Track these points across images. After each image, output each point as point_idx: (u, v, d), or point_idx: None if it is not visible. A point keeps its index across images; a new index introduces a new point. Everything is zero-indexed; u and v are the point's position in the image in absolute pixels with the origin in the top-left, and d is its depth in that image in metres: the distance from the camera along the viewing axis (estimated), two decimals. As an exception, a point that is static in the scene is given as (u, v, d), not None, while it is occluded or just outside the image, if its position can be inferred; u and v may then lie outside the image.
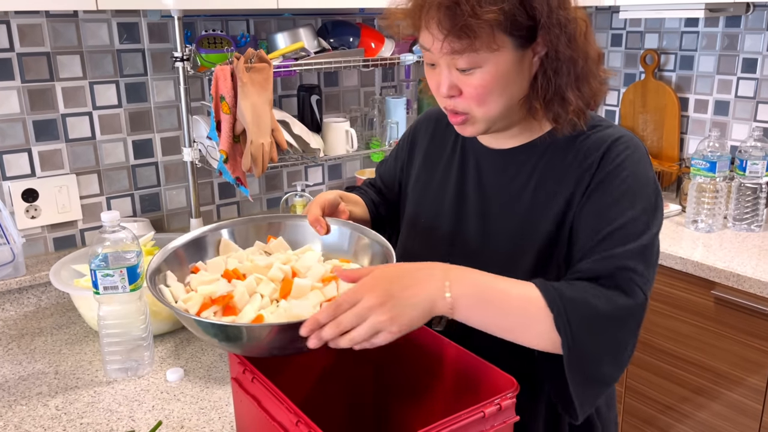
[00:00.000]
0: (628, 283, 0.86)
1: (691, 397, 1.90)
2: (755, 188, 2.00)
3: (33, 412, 1.18)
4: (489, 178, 1.04)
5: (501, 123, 0.97)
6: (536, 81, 0.92)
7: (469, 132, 0.98)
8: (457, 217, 1.07)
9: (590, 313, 0.83)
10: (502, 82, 0.90)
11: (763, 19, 2.16)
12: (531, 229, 0.97)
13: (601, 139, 0.95)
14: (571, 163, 0.96)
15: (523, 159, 1.01)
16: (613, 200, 0.91)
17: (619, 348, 0.86)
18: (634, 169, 0.92)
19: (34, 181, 1.68)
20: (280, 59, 1.74)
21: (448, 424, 0.71)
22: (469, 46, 0.86)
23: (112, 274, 1.23)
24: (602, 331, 0.84)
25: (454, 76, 0.91)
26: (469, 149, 1.08)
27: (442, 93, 0.94)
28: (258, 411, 0.82)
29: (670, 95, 2.41)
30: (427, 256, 1.07)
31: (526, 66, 0.91)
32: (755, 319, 1.72)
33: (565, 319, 0.82)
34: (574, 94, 0.92)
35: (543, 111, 0.94)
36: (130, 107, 1.79)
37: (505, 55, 0.88)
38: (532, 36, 0.89)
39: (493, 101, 0.91)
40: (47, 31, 1.63)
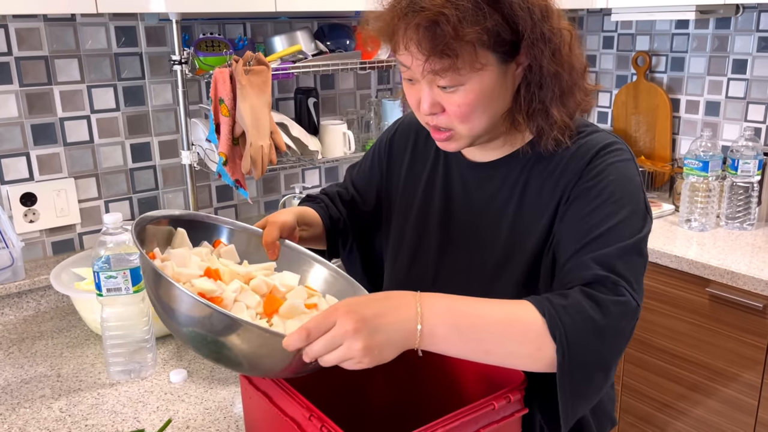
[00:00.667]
0: (620, 290, 0.83)
1: (688, 394, 1.92)
2: (747, 187, 2.03)
3: (37, 414, 1.18)
4: (473, 191, 1.02)
5: (484, 137, 0.95)
6: (519, 94, 0.90)
7: (452, 148, 0.95)
8: (443, 232, 1.05)
9: (587, 326, 0.79)
10: (486, 99, 0.87)
11: (752, 20, 2.19)
12: (518, 242, 0.96)
13: (585, 147, 0.93)
14: (553, 172, 0.94)
15: (506, 171, 0.99)
16: (597, 204, 0.88)
17: (611, 358, 0.83)
18: (618, 174, 0.90)
19: (33, 185, 1.68)
20: (278, 62, 1.75)
21: (460, 416, 0.72)
22: (451, 66, 0.83)
23: (115, 275, 1.23)
24: (597, 343, 0.81)
25: (436, 93, 0.88)
26: (452, 162, 1.06)
27: (423, 111, 0.90)
28: (269, 407, 0.83)
29: (662, 96, 2.44)
30: (415, 270, 1.08)
31: (509, 79, 0.89)
32: (750, 315, 1.74)
33: (562, 332, 0.78)
34: (558, 109, 0.90)
35: (526, 124, 0.92)
36: (128, 111, 1.79)
37: (488, 72, 0.86)
38: (516, 50, 0.87)
39: (476, 118, 0.89)
40: (45, 35, 1.63)
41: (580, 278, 0.85)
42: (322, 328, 0.73)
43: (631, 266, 0.85)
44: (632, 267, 0.85)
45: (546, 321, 0.78)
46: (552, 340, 0.78)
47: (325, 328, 0.73)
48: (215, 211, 2.03)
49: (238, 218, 2.08)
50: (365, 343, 0.72)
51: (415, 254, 1.09)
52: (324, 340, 0.72)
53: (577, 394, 0.81)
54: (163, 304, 0.79)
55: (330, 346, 0.73)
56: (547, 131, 0.91)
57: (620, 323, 0.82)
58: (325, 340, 0.72)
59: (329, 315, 0.74)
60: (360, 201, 1.20)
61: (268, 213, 2.11)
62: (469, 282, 1.01)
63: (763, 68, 2.19)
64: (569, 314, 0.79)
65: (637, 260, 0.87)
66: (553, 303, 0.80)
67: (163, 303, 0.79)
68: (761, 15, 2.17)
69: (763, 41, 2.18)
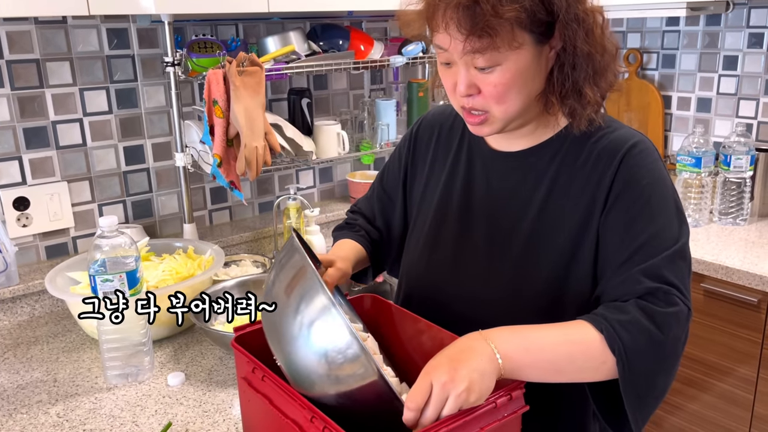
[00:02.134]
0: (672, 299, 0.87)
1: (684, 389, 1.93)
2: (740, 182, 2.04)
3: (34, 420, 1.17)
4: (496, 181, 1.03)
5: (517, 121, 0.95)
6: (552, 76, 0.92)
7: (485, 132, 0.96)
8: (464, 224, 1.05)
9: (644, 339, 0.84)
10: (521, 79, 0.89)
11: (742, 16, 2.21)
12: (544, 235, 0.97)
13: (614, 144, 0.94)
14: (583, 166, 0.95)
15: (533, 161, 0.99)
16: (637, 212, 0.90)
17: (669, 365, 0.88)
18: (653, 177, 0.92)
19: (25, 189, 1.66)
20: (272, 63, 1.74)
21: (462, 415, 0.72)
22: (490, 45, 0.85)
23: (111, 279, 1.22)
24: (655, 355, 0.86)
25: (473, 74, 0.90)
26: (475, 152, 1.07)
27: (460, 92, 0.92)
28: (269, 409, 0.82)
29: (654, 93, 2.45)
30: (434, 258, 1.08)
31: (543, 62, 0.91)
32: (744, 310, 1.75)
33: (620, 346, 0.83)
34: (591, 89, 0.91)
35: (559, 105, 0.93)
36: (120, 113, 1.78)
37: (525, 52, 0.87)
38: (550, 31, 0.89)
39: (512, 99, 0.90)
40: (36, 38, 1.62)
41: (633, 292, 0.88)
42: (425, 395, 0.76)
43: (678, 272, 0.89)
44: (679, 273, 0.89)
45: (605, 337, 0.84)
46: (612, 354, 0.84)
47: (426, 394, 0.76)
48: (210, 213, 2.02)
49: (232, 220, 2.07)
50: (466, 384, 0.75)
51: (434, 243, 1.09)
52: (433, 405, 0.75)
53: (642, 400, 0.87)
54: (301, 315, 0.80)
55: (439, 405, 0.75)
56: (580, 111, 0.92)
57: (675, 332, 0.86)
58: (433, 404, 0.75)
59: (423, 382, 0.77)
60: (388, 204, 1.22)
61: (263, 215, 2.11)
62: (489, 273, 1.01)
63: (754, 64, 2.21)
64: (626, 329, 0.84)
65: (682, 265, 0.90)
66: (608, 319, 0.85)
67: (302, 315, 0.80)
68: (751, 11, 2.18)
69: (754, 37, 2.19)
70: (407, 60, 2.00)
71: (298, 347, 0.79)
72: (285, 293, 0.82)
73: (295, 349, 0.79)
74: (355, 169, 2.30)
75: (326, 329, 0.77)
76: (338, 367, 0.76)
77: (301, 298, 0.80)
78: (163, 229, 1.92)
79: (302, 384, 0.80)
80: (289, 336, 0.80)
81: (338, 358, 0.76)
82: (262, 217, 2.09)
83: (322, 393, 0.79)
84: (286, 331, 0.80)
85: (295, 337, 0.79)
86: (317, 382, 0.78)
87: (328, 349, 0.76)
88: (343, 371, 0.76)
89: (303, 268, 0.82)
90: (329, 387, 0.78)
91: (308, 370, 0.78)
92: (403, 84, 2.28)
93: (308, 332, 0.78)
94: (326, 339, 0.77)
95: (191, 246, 1.64)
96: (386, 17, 2.23)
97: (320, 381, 0.78)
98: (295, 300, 0.80)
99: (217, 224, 2.03)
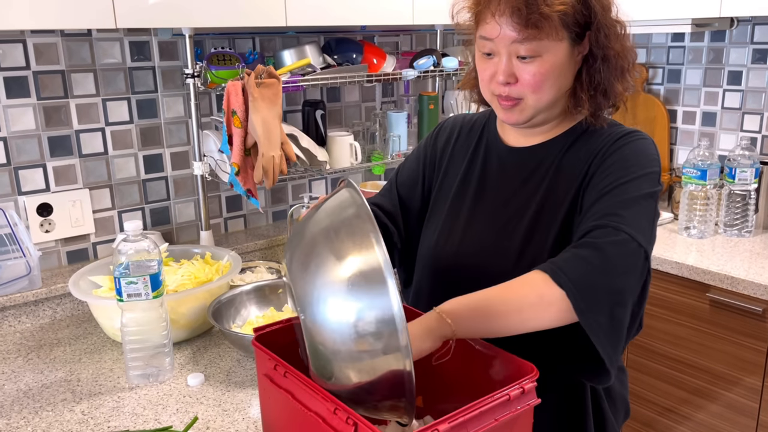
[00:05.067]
0: (618, 233, 0.92)
1: (690, 399, 1.96)
2: (744, 195, 2.08)
3: (60, 417, 1.21)
4: (510, 172, 1.11)
5: (543, 114, 1.05)
6: (581, 75, 1.03)
7: (514, 118, 1.05)
8: (478, 210, 1.13)
9: (587, 268, 0.89)
10: (557, 72, 0.99)
11: (746, 33, 2.25)
12: (547, 215, 1.05)
13: (614, 131, 1.05)
14: (583, 156, 1.05)
15: (544, 154, 1.09)
16: (611, 170, 0.99)
17: (622, 294, 0.91)
18: (635, 147, 1.02)
19: (49, 195, 1.72)
20: (288, 75, 1.80)
21: (477, 406, 0.76)
22: (536, 35, 0.96)
23: (135, 281, 1.27)
24: (604, 279, 0.90)
25: (514, 63, 1.00)
26: (492, 149, 1.16)
27: (499, 80, 1.01)
28: (292, 404, 0.86)
29: (659, 107, 2.49)
30: (442, 238, 1.15)
31: (573, 61, 1.02)
32: (749, 319, 1.79)
33: (565, 279, 0.89)
34: (619, 85, 1.03)
35: (587, 102, 1.03)
36: (141, 123, 1.84)
37: (562, 47, 0.99)
38: (583, 34, 1.00)
39: (546, 89, 1.00)
40: (62, 50, 1.68)
41: (580, 232, 0.95)
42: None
43: (633, 213, 0.95)
44: (635, 213, 0.95)
45: (547, 274, 0.90)
46: (557, 287, 0.89)
47: None
48: (225, 221, 2.07)
49: (247, 228, 2.12)
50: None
51: (451, 228, 1.15)
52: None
53: (606, 332, 0.90)
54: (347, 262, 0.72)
55: None
56: (605, 105, 1.04)
57: (622, 260, 0.91)
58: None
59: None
60: (408, 198, 1.26)
61: (276, 223, 2.15)
62: (498, 248, 1.08)
63: (758, 79, 2.25)
64: (567, 263, 0.90)
65: (641, 209, 0.96)
66: (551, 261, 0.92)
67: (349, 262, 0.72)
68: (755, 28, 2.23)
69: (758, 53, 2.24)
70: (418, 73, 2.06)
71: (332, 292, 0.72)
72: (332, 229, 0.75)
73: (326, 293, 0.72)
74: (366, 180, 2.35)
75: (372, 291, 0.70)
76: (367, 338, 0.70)
77: (352, 243, 0.72)
78: (179, 236, 1.97)
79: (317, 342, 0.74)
80: (324, 276, 0.72)
81: (370, 327, 0.70)
82: (276, 225, 2.14)
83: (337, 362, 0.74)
84: (323, 271, 0.72)
85: (331, 282, 0.72)
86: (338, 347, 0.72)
87: (365, 313, 0.70)
88: (370, 345, 0.70)
89: (361, 209, 0.75)
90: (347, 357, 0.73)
91: (333, 327, 0.72)
92: (414, 97, 2.33)
93: (350, 284, 0.71)
94: (369, 301, 0.69)
95: (209, 252, 1.69)
96: (398, 32, 2.29)
97: (342, 347, 0.72)
98: (343, 242, 0.73)
99: (232, 232, 2.08)
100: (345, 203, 0.79)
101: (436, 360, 0.90)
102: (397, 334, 0.72)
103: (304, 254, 0.78)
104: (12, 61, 1.62)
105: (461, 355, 0.94)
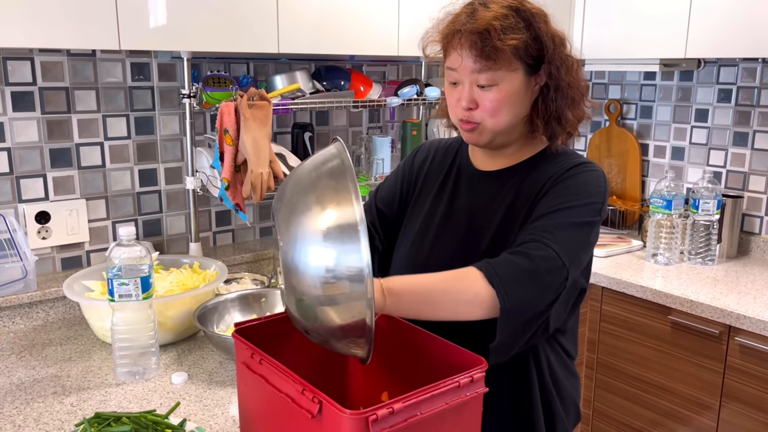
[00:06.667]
0: (546, 248, 1.03)
1: (654, 418, 2.05)
2: (708, 225, 2.20)
3: (50, 408, 1.29)
4: (478, 194, 1.22)
5: (502, 138, 1.17)
6: (537, 104, 1.15)
7: (475, 139, 1.17)
8: (446, 227, 1.23)
9: (516, 272, 1.02)
10: (512, 100, 1.11)
11: (713, 73, 2.40)
12: (507, 235, 1.15)
13: (570, 162, 1.16)
14: (540, 180, 1.16)
15: (511, 176, 1.20)
16: (555, 197, 1.11)
17: (542, 303, 1.04)
18: (584, 178, 1.13)
19: (47, 204, 1.81)
20: (279, 98, 1.92)
21: (428, 391, 0.86)
22: (492, 66, 1.08)
23: (127, 283, 1.36)
24: (530, 286, 1.02)
25: (475, 91, 1.12)
26: (463, 172, 1.27)
27: (462, 105, 1.13)
28: (266, 387, 0.95)
29: (632, 141, 2.63)
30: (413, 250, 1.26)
31: (529, 91, 1.14)
32: (707, 341, 1.89)
33: (497, 281, 1.00)
34: (570, 113, 1.15)
35: (542, 128, 1.15)
36: (138, 139, 1.94)
37: (517, 77, 1.11)
38: (538, 66, 1.12)
39: (503, 114, 1.12)
40: (67, 68, 1.79)
41: (518, 241, 1.07)
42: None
43: (566, 236, 1.07)
44: (567, 237, 1.07)
45: (483, 273, 1.01)
46: (490, 287, 1.00)
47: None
48: (214, 234, 2.17)
49: (234, 242, 2.22)
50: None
51: (420, 243, 1.26)
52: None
53: (513, 330, 1.03)
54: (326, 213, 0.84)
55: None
56: (560, 132, 1.16)
57: (546, 274, 1.03)
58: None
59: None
60: (386, 213, 1.37)
61: (263, 238, 2.25)
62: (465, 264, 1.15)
63: (723, 117, 2.39)
64: (500, 265, 1.01)
65: (574, 234, 1.08)
66: (487, 261, 1.04)
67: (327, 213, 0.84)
68: (721, 69, 2.38)
69: (723, 92, 2.38)
70: (403, 101, 2.18)
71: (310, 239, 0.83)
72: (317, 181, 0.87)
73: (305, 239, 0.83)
74: (351, 201, 2.45)
75: (346, 241, 0.81)
76: (336, 284, 0.82)
77: (333, 196, 0.84)
78: (170, 247, 2.06)
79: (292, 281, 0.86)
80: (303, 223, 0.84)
81: (341, 274, 0.81)
82: (263, 241, 2.24)
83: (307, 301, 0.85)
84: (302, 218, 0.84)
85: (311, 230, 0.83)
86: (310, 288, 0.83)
87: (339, 259, 0.81)
88: (339, 290, 0.82)
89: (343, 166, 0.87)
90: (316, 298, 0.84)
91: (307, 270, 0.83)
92: (399, 123, 2.46)
93: (325, 232, 0.82)
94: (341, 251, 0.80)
95: (197, 262, 1.78)
96: (385, 62, 2.42)
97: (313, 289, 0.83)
98: (324, 193, 0.85)
99: (220, 245, 2.17)
100: (332, 156, 0.92)
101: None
102: (364, 281, 0.84)
103: (291, 197, 0.91)
104: (20, 77, 1.73)
105: (419, 350, 1.04)
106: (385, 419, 0.82)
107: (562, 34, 1.15)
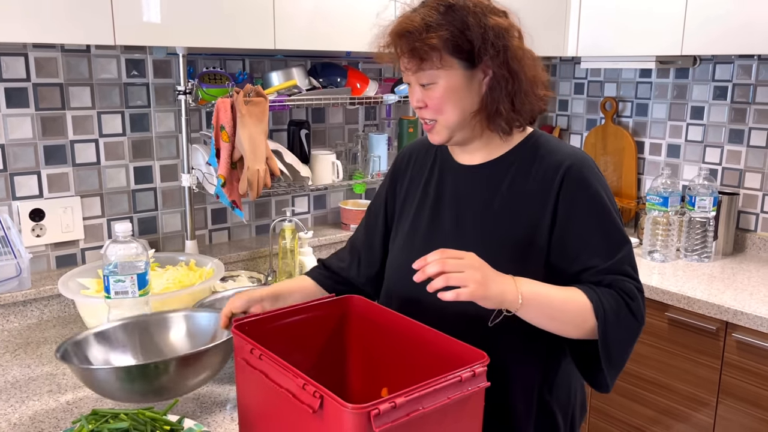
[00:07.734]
0: (638, 294, 1.12)
1: (652, 415, 2.05)
2: (704, 222, 2.20)
3: (45, 406, 1.28)
4: (463, 188, 1.21)
5: (461, 133, 1.16)
6: (485, 98, 1.13)
7: (436, 139, 1.18)
8: (436, 224, 1.22)
9: (617, 319, 1.09)
10: (454, 96, 1.11)
11: (708, 71, 2.41)
12: (501, 232, 1.15)
13: (557, 156, 1.16)
14: (534, 174, 1.16)
15: (493, 171, 1.19)
16: (593, 218, 1.13)
17: (633, 341, 1.16)
18: (597, 184, 1.14)
19: (42, 201, 1.80)
20: (275, 95, 1.91)
21: (430, 385, 0.85)
22: (423, 65, 1.10)
23: (123, 280, 1.35)
24: (624, 331, 1.12)
25: (421, 91, 1.13)
26: (446, 167, 1.26)
27: (413, 105, 1.16)
28: (266, 383, 0.94)
29: (628, 139, 2.63)
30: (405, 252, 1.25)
31: (475, 85, 1.12)
32: (704, 338, 1.89)
33: (602, 318, 1.08)
34: (512, 104, 1.12)
35: (497, 118, 1.13)
36: (133, 136, 1.93)
37: (455, 74, 1.10)
38: (475, 59, 1.10)
39: (448, 111, 1.13)
40: (62, 64, 1.78)
41: (615, 283, 1.12)
42: (456, 255, 1.00)
43: (630, 258, 1.15)
44: (630, 257, 1.15)
45: (592, 305, 1.08)
46: (595, 318, 1.08)
47: (458, 256, 1.00)
48: (210, 232, 2.15)
49: (230, 240, 2.20)
50: (482, 279, 0.99)
51: (412, 241, 1.26)
52: (455, 261, 0.98)
53: (612, 359, 1.11)
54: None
55: (457, 267, 0.98)
56: (515, 119, 1.14)
57: (638, 311, 1.13)
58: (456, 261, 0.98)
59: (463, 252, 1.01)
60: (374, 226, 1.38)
61: (259, 236, 2.24)
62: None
63: (719, 115, 2.40)
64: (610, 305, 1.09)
65: (629, 248, 1.15)
66: (597, 293, 1.09)
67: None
68: (716, 66, 2.38)
69: (718, 90, 2.39)
70: (399, 98, 2.18)
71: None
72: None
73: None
74: (348, 198, 2.45)
75: None
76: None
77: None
78: (165, 245, 2.05)
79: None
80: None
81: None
82: (259, 239, 2.23)
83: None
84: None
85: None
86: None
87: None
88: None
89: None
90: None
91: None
92: (395, 120, 2.45)
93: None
94: None
95: (193, 259, 1.77)
96: (381, 59, 2.41)
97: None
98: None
99: (216, 243, 2.16)
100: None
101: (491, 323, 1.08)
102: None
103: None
104: (13, 73, 1.72)
105: (419, 344, 1.03)
106: (387, 414, 0.81)
107: (507, 25, 1.11)
